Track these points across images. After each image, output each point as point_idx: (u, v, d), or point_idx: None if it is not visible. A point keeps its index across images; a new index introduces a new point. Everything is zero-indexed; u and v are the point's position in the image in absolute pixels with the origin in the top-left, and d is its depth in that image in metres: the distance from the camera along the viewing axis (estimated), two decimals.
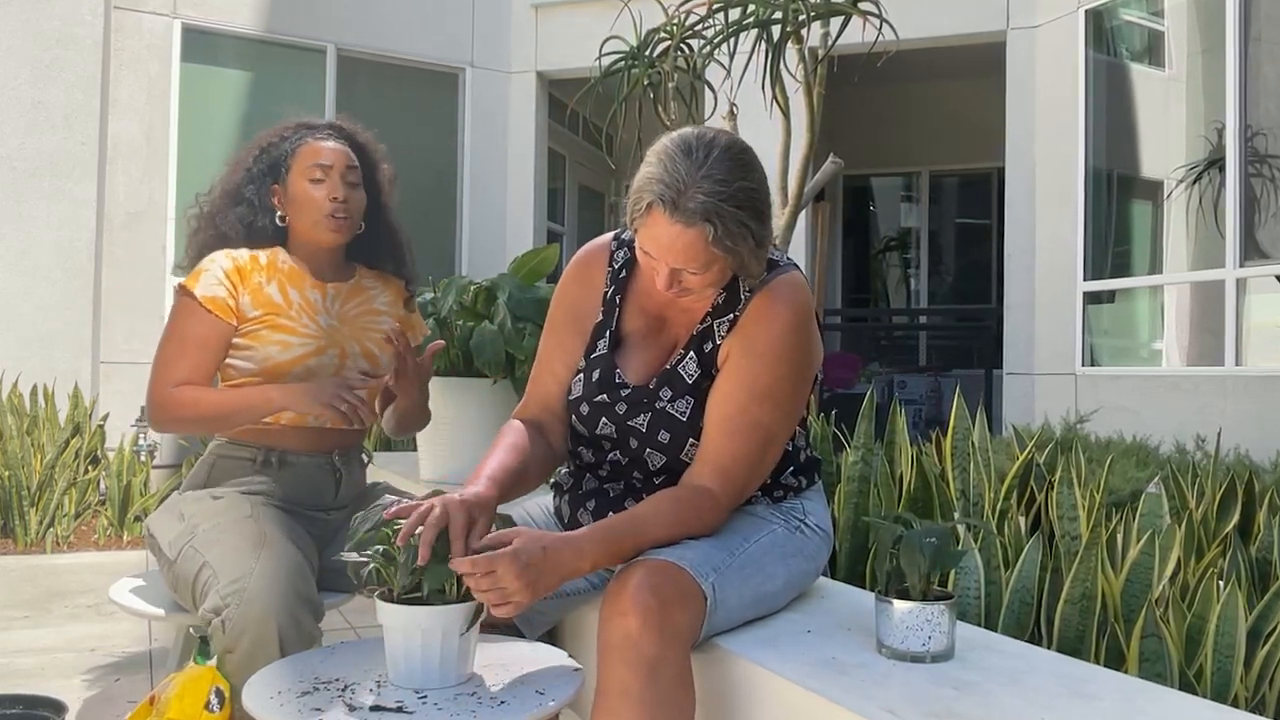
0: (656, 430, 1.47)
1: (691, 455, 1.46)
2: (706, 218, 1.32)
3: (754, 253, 1.38)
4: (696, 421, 1.46)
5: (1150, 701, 1.17)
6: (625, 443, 1.51)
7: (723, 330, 1.47)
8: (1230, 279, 5.05)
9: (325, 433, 1.94)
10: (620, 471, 1.55)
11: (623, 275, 1.58)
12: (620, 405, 1.50)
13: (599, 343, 1.56)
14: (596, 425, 1.52)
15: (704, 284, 1.41)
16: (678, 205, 1.32)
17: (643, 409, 1.48)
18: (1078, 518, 1.91)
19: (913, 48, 5.90)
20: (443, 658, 1.26)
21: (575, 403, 1.55)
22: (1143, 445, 3.47)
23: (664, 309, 1.54)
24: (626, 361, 1.54)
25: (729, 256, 1.36)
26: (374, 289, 2.08)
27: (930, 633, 1.28)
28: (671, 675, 1.25)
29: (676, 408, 1.47)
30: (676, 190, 1.32)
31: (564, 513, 1.61)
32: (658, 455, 1.48)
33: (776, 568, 1.47)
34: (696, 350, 1.48)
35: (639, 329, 1.56)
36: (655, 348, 1.53)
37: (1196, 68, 5.58)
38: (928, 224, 9.46)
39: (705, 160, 1.34)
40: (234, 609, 1.55)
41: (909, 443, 2.31)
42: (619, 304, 1.57)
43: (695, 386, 1.47)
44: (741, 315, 1.46)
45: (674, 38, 3.06)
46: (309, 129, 2.00)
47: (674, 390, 1.48)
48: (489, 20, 6.94)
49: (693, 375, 1.48)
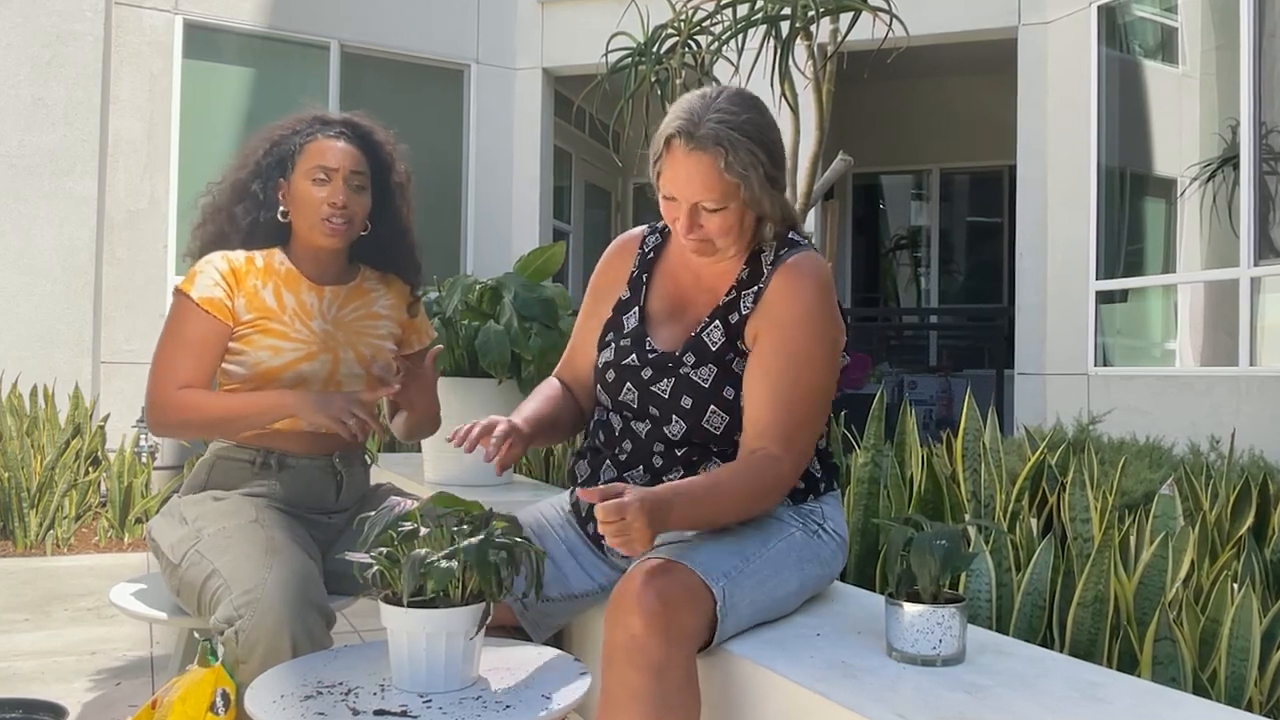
0: (679, 396, 1.50)
1: (713, 423, 1.48)
2: (717, 142, 1.41)
3: (765, 187, 1.45)
4: (719, 389, 1.49)
5: (1164, 705, 1.16)
6: (646, 410, 1.53)
7: (748, 302, 1.52)
8: (1245, 278, 5.01)
9: (325, 435, 1.92)
10: (640, 452, 1.54)
11: (650, 257, 1.67)
12: (646, 370, 1.54)
13: (625, 318, 1.63)
14: (620, 391, 1.55)
15: (722, 228, 1.47)
16: (693, 135, 1.42)
17: (666, 374, 1.52)
18: (1090, 520, 1.89)
19: (923, 44, 5.87)
20: (447, 661, 1.25)
21: (603, 369, 1.60)
22: (1156, 446, 3.44)
23: (687, 290, 1.60)
24: (653, 334, 1.60)
25: (741, 184, 1.42)
26: (376, 291, 2.04)
27: (941, 636, 1.27)
28: (677, 678, 1.25)
29: (699, 374, 1.50)
30: (692, 122, 1.43)
31: (581, 507, 1.60)
32: (679, 423, 1.50)
33: (791, 572, 1.46)
34: (722, 320, 1.53)
35: (664, 308, 1.62)
36: (679, 324, 1.58)
37: (1210, 64, 5.54)
38: (938, 222, 9.42)
39: (716, 98, 1.47)
40: (248, 620, 1.53)
41: (919, 444, 2.30)
42: (645, 283, 1.64)
43: (719, 356, 1.51)
44: (766, 288, 1.51)
45: (681, 34, 3.05)
46: (322, 124, 1.95)
47: (698, 357, 1.51)
48: (494, 16, 6.91)
49: (717, 344, 1.51)
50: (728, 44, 2.96)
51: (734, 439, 1.49)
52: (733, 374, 1.50)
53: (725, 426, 1.49)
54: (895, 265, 9.94)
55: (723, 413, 1.48)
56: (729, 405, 1.48)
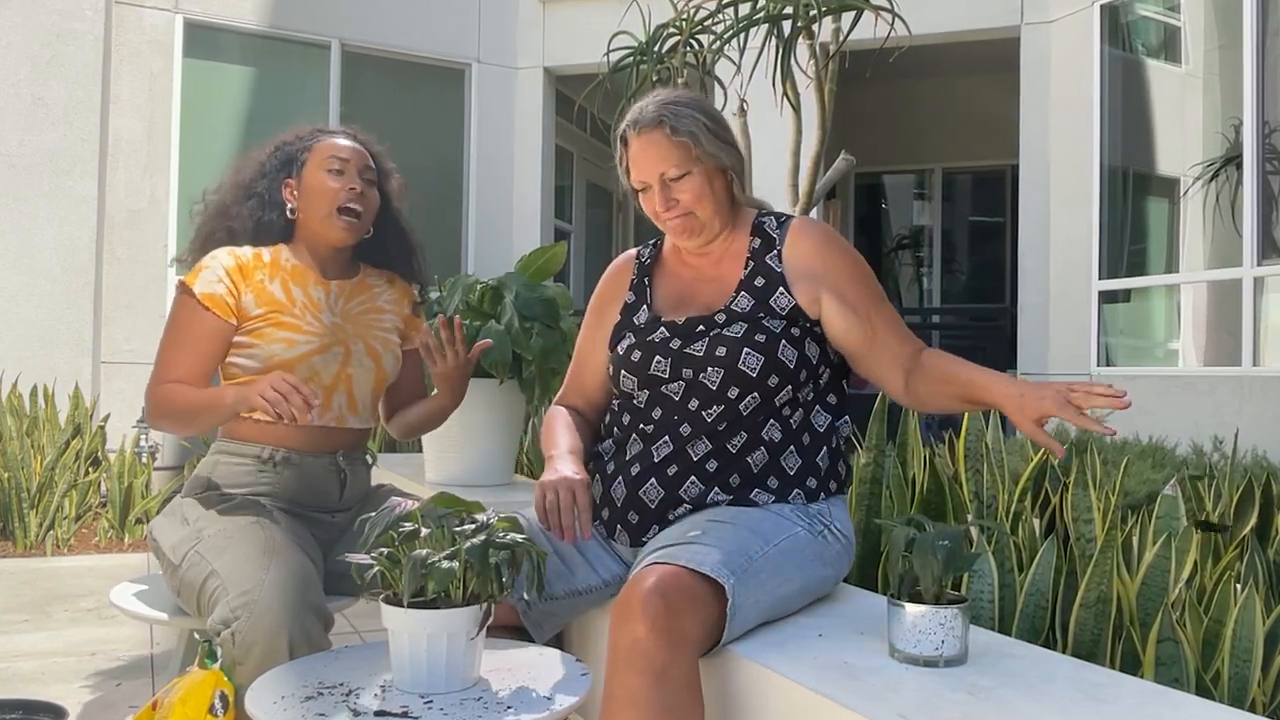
0: (714, 348, 1.55)
1: (748, 364, 1.53)
2: (660, 117, 1.58)
3: (716, 143, 1.59)
4: (750, 336, 1.55)
5: (1166, 706, 1.15)
6: (679, 373, 1.57)
7: (775, 263, 1.61)
8: (1247, 278, 5.00)
9: (329, 433, 1.93)
10: (667, 420, 1.57)
11: (649, 263, 1.76)
12: (675, 340, 1.60)
13: (635, 317, 1.69)
14: (649, 366, 1.60)
15: (695, 195, 1.59)
16: (639, 122, 1.61)
17: (698, 338, 1.59)
18: (1093, 520, 1.89)
19: (926, 43, 5.87)
20: (449, 662, 1.25)
21: (626, 354, 1.64)
22: (1159, 447, 3.43)
23: (689, 285, 1.67)
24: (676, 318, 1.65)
25: (690, 141, 1.56)
26: (378, 287, 2.07)
27: (943, 637, 1.26)
28: (680, 682, 1.25)
29: (731, 329, 1.57)
30: (637, 114, 1.62)
31: (596, 490, 1.61)
32: (715, 370, 1.54)
33: (794, 571, 1.46)
34: (749, 289, 1.61)
35: (669, 306, 1.68)
36: (687, 310, 1.64)
37: (1214, 63, 5.53)
38: (940, 222, 9.41)
39: (656, 94, 1.65)
40: (244, 621, 1.53)
41: (922, 444, 2.29)
42: (648, 284, 1.73)
43: (749, 315, 1.58)
44: (784, 247, 1.62)
45: (683, 33, 3.05)
46: (325, 131, 2.02)
47: (729, 317, 1.59)
48: (495, 15, 6.90)
49: (745, 308, 1.59)
50: (729, 43, 2.95)
51: (769, 384, 1.54)
52: (764, 327, 1.56)
53: (761, 368, 1.54)
54: (897, 265, 9.93)
55: (756, 354, 1.54)
56: (763, 348, 1.54)
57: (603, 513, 1.61)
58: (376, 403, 2.04)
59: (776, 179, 3.16)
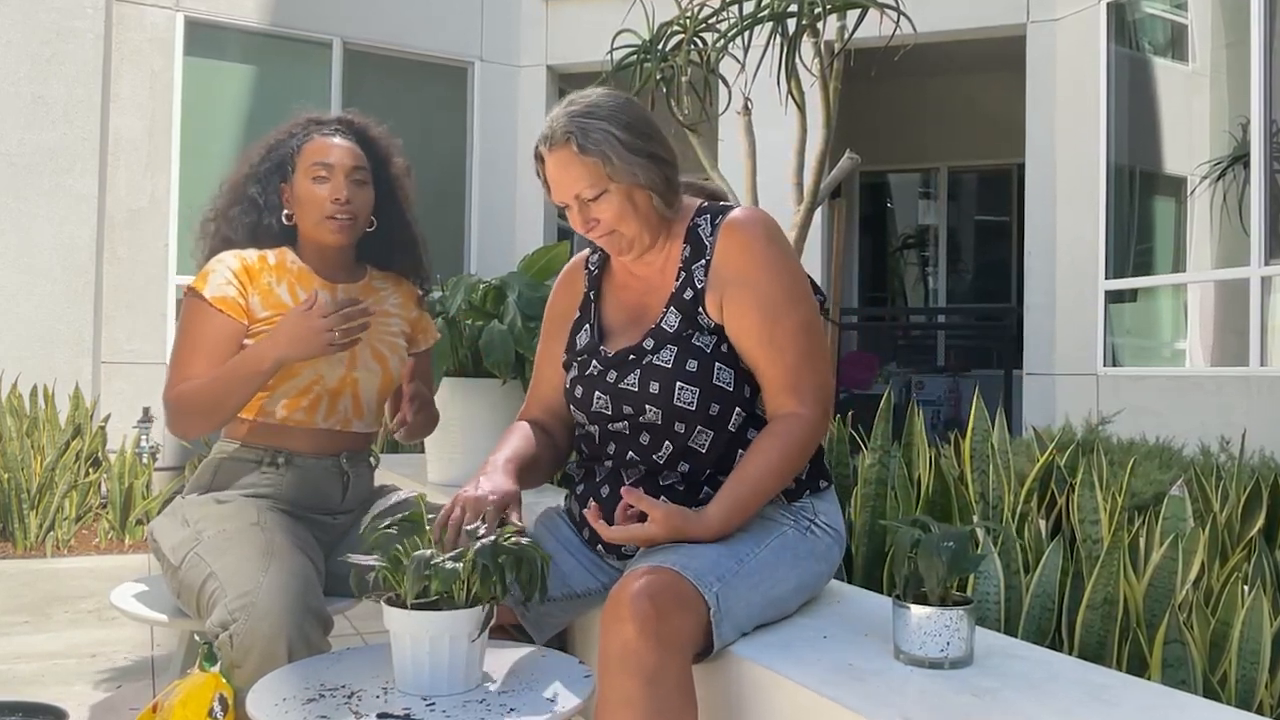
0: (647, 383, 1.48)
1: (683, 399, 1.46)
2: (568, 132, 1.47)
3: (630, 157, 1.46)
4: (681, 365, 1.47)
5: (1173, 708, 1.14)
6: (620, 410, 1.51)
7: (700, 275, 1.51)
8: (1255, 277, 4.98)
9: (334, 436, 1.93)
10: (624, 455, 1.53)
11: (596, 274, 1.67)
12: (610, 373, 1.53)
13: (578, 336, 1.63)
14: (592, 403, 1.54)
15: (616, 215, 1.48)
16: (549, 138, 1.49)
17: (630, 368, 1.51)
18: (1099, 521, 1.88)
19: (931, 41, 5.86)
20: (451, 664, 1.24)
21: (570, 387, 1.59)
22: (1166, 447, 3.41)
23: (640, 297, 1.60)
24: (612, 346, 1.58)
25: (600, 161, 1.45)
26: (384, 289, 2.06)
27: (949, 638, 1.25)
28: (671, 684, 1.24)
29: (661, 357, 1.49)
30: (548, 128, 1.50)
31: (575, 511, 1.59)
32: (652, 410, 1.48)
33: (787, 571, 1.45)
34: (677, 304, 1.52)
35: (619, 321, 1.61)
36: (636, 329, 1.57)
37: (1221, 61, 5.51)
38: (946, 221, 9.39)
39: (568, 105, 1.52)
40: (242, 624, 1.53)
41: (927, 445, 2.28)
42: (594, 299, 1.65)
43: (678, 335, 1.50)
44: (713, 255, 1.50)
45: (687, 31, 3.04)
46: (317, 125, 1.97)
47: (657, 341, 1.51)
48: (498, 13, 6.88)
49: (674, 325, 1.51)
50: (733, 41, 2.94)
51: (710, 413, 1.47)
52: (694, 348, 1.48)
53: (697, 400, 1.46)
54: (903, 264, 9.91)
55: (691, 386, 1.46)
56: (696, 378, 1.47)
57: (583, 531, 1.60)
58: (382, 406, 2.03)
59: (780, 178, 3.15)
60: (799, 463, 1.46)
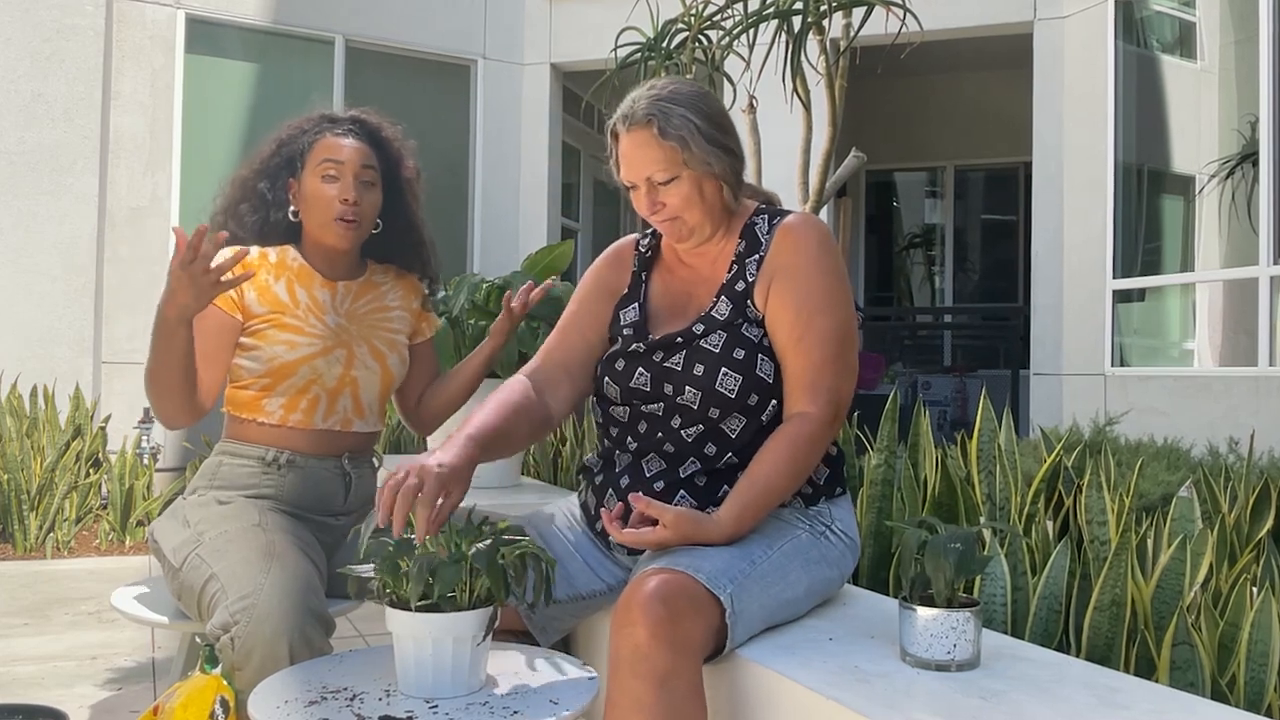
0: (692, 365, 1.50)
1: (726, 385, 1.48)
2: (649, 114, 1.49)
3: (708, 147, 1.49)
4: (729, 351, 1.49)
5: (1182, 711, 1.13)
6: (660, 389, 1.52)
7: (752, 269, 1.54)
8: (1264, 276, 4.95)
9: (335, 436, 1.92)
10: (653, 437, 1.53)
11: (649, 256, 1.69)
12: (657, 353, 1.54)
13: (625, 313, 1.64)
14: (632, 377, 1.55)
15: (683, 201, 1.51)
16: (629, 116, 1.52)
17: (677, 350, 1.53)
18: (1107, 522, 1.87)
19: (937, 39, 5.83)
20: (454, 666, 1.24)
21: (610, 359, 1.59)
22: (1174, 448, 3.39)
23: (687, 286, 1.61)
24: (658, 329, 1.60)
25: (678, 146, 1.47)
26: (385, 284, 2.05)
27: (955, 640, 1.25)
28: (683, 688, 1.23)
29: (709, 341, 1.51)
30: (629, 107, 1.53)
31: (591, 504, 1.58)
32: (692, 391, 1.49)
33: (799, 574, 1.45)
34: (728, 294, 1.54)
35: (664, 305, 1.63)
36: (683, 317, 1.59)
37: (1229, 59, 5.48)
38: (953, 220, 9.37)
39: (651, 86, 1.55)
40: (243, 626, 1.52)
41: (934, 445, 2.27)
42: (645, 280, 1.66)
43: (728, 323, 1.52)
44: (767, 252, 1.53)
45: (692, 29, 3.03)
46: (330, 122, 1.95)
47: (707, 327, 1.53)
48: (502, 10, 6.86)
49: (724, 314, 1.53)
50: (739, 39, 2.93)
51: (749, 403, 1.49)
52: (743, 338, 1.50)
53: (739, 388, 1.48)
54: (909, 264, 9.89)
55: (735, 374, 1.48)
56: (741, 366, 1.49)
57: (596, 525, 1.59)
58: (384, 405, 2.02)
59: (786, 176, 3.14)
60: (809, 463, 1.46)
